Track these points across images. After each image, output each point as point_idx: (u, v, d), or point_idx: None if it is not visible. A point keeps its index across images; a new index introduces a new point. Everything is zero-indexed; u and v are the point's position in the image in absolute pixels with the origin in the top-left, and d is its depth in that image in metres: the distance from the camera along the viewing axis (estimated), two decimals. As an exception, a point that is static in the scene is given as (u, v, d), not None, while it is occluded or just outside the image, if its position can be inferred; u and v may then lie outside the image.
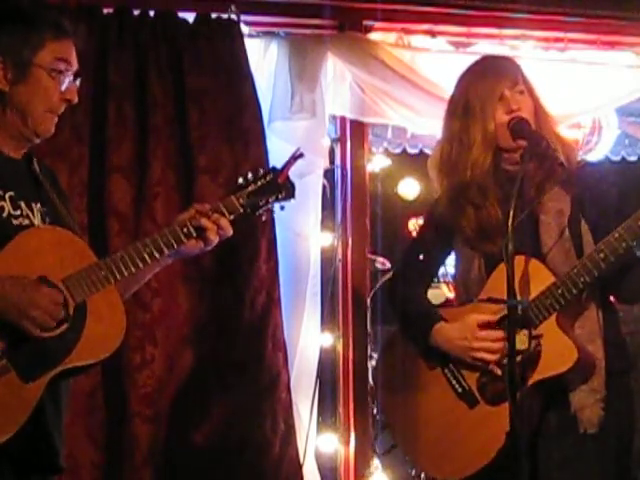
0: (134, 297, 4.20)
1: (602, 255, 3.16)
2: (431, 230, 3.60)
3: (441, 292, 6.10)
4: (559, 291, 3.21)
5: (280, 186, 3.11)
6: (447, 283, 6.09)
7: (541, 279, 3.24)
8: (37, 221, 2.91)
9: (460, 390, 3.38)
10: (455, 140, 3.46)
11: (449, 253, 3.63)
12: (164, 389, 4.36)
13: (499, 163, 3.42)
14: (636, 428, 3.40)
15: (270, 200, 3.09)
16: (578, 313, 3.28)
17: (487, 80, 3.43)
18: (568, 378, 3.23)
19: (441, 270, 5.39)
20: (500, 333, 3.28)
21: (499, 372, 3.30)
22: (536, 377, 3.20)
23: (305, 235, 4.69)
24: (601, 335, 3.29)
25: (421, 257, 3.61)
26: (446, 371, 3.42)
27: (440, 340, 3.40)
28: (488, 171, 3.40)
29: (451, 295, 5.93)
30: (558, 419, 3.26)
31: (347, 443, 4.71)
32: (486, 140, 3.39)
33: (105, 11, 4.44)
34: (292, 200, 3.14)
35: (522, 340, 3.23)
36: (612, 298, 3.44)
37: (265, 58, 4.68)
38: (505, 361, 3.23)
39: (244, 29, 4.59)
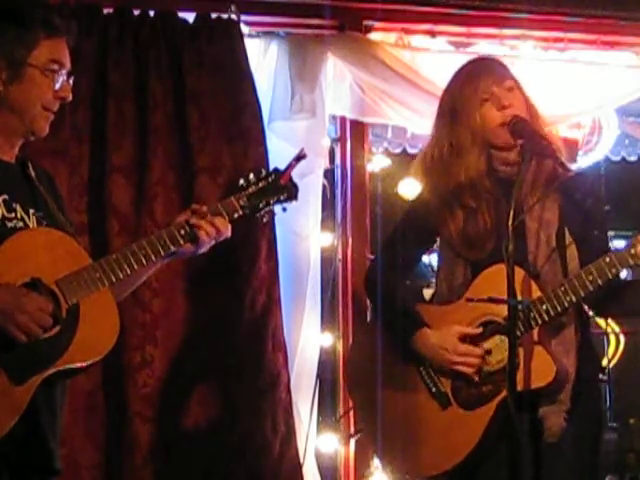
0: (134, 297, 4.23)
1: (591, 277, 3.18)
2: (413, 225, 3.57)
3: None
4: (544, 307, 3.22)
5: (282, 187, 3.10)
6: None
7: (527, 292, 3.23)
8: (32, 225, 2.89)
9: (434, 390, 3.38)
10: (445, 144, 3.46)
11: (430, 248, 3.62)
12: (164, 389, 4.36)
13: (492, 163, 3.42)
14: (603, 432, 3.50)
15: (271, 201, 3.08)
16: (556, 326, 3.29)
17: (471, 81, 3.44)
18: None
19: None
20: (480, 350, 3.31)
21: (477, 378, 3.32)
22: None
23: (305, 235, 4.69)
24: (575, 347, 3.31)
25: (402, 249, 3.57)
26: (421, 369, 3.42)
27: (421, 346, 3.39)
28: (483, 167, 3.40)
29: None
30: (528, 423, 3.26)
31: (347, 443, 4.70)
32: (476, 140, 3.39)
33: (105, 11, 4.44)
34: (294, 202, 3.13)
35: (501, 349, 3.26)
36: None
37: (265, 58, 4.68)
38: (486, 368, 3.30)
39: (244, 29, 4.59)
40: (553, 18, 4.93)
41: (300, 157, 3.12)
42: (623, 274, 3.31)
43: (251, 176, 3.08)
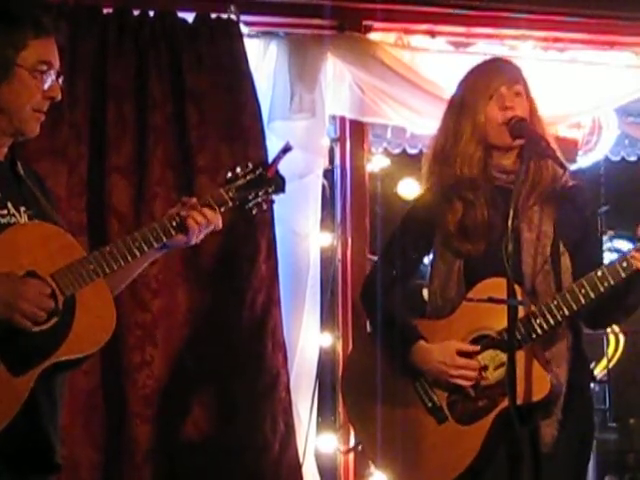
0: (134, 297, 4.24)
1: (584, 291, 3.19)
2: (412, 228, 3.57)
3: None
4: (537, 321, 3.22)
5: (269, 180, 3.11)
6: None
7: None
8: (24, 221, 2.89)
9: (430, 405, 3.38)
10: (449, 134, 3.47)
11: (428, 253, 3.61)
12: (164, 389, 4.36)
13: (489, 164, 3.42)
14: (593, 439, 3.50)
15: (260, 193, 3.10)
16: (548, 337, 3.29)
17: (484, 77, 3.46)
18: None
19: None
20: (477, 364, 3.30)
21: (473, 393, 3.31)
22: (505, 404, 3.19)
23: (305, 235, 4.69)
24: (567, 358, 3.31)
25: (400, 259, 3.57)
26: (417, 384, 3.41)
27: (419, 359, 3.38)
28: (477, 167, 3.40)
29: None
30: (525, 433, 3.25)
31: (347, 443, 4.70)
32: (475, 133, 3.40)
33: (104, 11, 4.44)
34: (282, 194, 3.15)
35: (495, 363, 3.28)
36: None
37: (265, 58, 4.68)
38: (481, 382, 3.30)
39: (244, 29, 4.59)
40: (553, 18, 4.92)
41: (286, 150, 3.15)
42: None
43: (238, 169, 3.11)
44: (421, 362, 3.38)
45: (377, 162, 5.06)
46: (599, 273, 3.18)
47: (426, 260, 3.66)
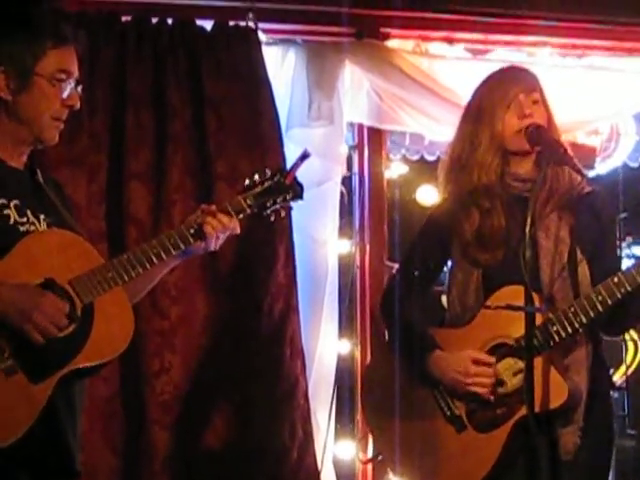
0: (153, 304, 4.25)
1: (600, 298, 3.18)
2: (431, 238, 3.57)
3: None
4: (554, 328, 3.22)
5: (287, 187, 3.13)
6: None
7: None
8: (43, 229, 2.91)
9: (449, 413, 3.38)
10: (466, 142, 3.48)
11: (447, 262, 3.60)
12: (182, 396, 4.37)
13: (506, 172, 3.42)
14: (613, 445, 3.47)
15: (277, 200, 3.11)
16: (567, 344, 3.28)
17: (502, 85, 3.46)
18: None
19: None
20: (491, 370, 3.31)
21: (492, 398, 3.31)
22: (523, 412, 3.20)
23: (323, 242, 4.69)
24: (587, 365, 3.30)
25: (418, 269, 3.57)
26: (435, 392, 3.42)
27: (434, 369, 3.39)
28: (495, 175, 3.40)
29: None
30: (543, 442, 3.26)
31: (365, 450, 4.70)
32: (493, 141, 3.40)
33: (123, 19, 4.46)
34: (300, 201, 3.15)
35: (514, 371, 3.27)
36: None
37: (283, 65, 4.69)
38: (500, 390, 3.31)
39: (262, 37, 4.59)
40: (570, 25, 4.91)
41: (304, 157, 3.16)
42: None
43: (256, 176, 3.12)
44: (437, 372, 3.39)
45: (395, 169, 5.06)
46: (615, 279, 3.18)
47: (445, 268, 3.66)
